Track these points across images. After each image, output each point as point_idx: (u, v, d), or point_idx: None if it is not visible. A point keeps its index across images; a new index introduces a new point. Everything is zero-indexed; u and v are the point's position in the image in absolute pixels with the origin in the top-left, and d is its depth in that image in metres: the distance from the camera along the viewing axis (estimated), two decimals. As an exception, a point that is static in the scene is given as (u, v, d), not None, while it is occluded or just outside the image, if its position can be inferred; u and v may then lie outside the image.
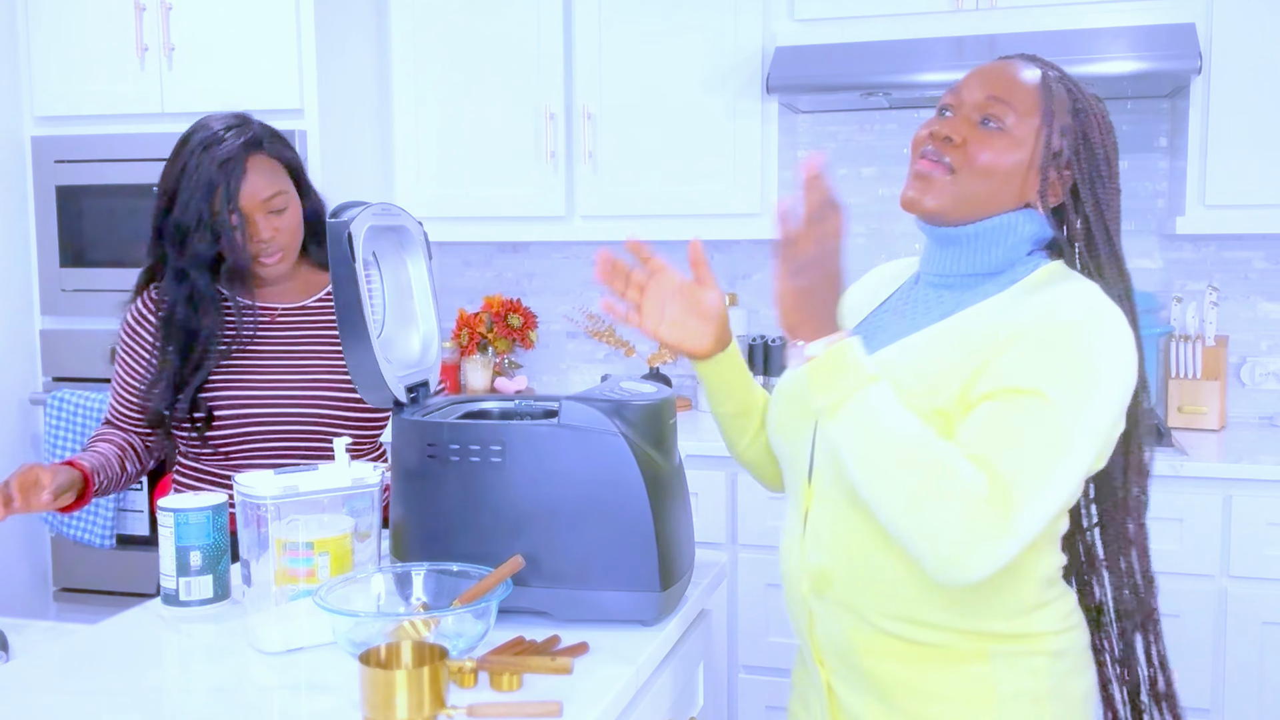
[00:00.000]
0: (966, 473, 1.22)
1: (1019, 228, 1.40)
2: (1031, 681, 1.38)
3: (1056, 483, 1.25)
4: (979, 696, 1.37)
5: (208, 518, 1.63)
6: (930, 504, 1.22)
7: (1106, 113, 1.43)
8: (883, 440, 1.24)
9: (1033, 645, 1.39)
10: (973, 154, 1.37)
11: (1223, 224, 2.82)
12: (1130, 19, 2.79)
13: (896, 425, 1.25)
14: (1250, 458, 2.63)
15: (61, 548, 3.34)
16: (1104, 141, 1.40)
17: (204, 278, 1.94)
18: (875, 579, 1.38)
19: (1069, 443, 1.25)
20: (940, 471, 1.22)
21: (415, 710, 1.19)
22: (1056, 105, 1.38)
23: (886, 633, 1.39)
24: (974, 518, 1.21)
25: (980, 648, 1.37)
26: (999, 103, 1.37)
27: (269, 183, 1.95)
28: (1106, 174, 1.40)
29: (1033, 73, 1.40)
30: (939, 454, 1.23)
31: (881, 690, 1.41)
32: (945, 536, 1.21)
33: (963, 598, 1.35)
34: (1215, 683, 2.61)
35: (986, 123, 1.38)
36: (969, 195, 1.38)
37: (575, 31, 3.22)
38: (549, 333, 3.69)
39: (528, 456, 1.50)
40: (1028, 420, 1.25)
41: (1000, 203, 1.39)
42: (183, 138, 1.98)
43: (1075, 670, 1.43)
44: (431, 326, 1.80)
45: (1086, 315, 1.30)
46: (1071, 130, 1.38)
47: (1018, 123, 1.37)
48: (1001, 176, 1.37)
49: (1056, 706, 1.40)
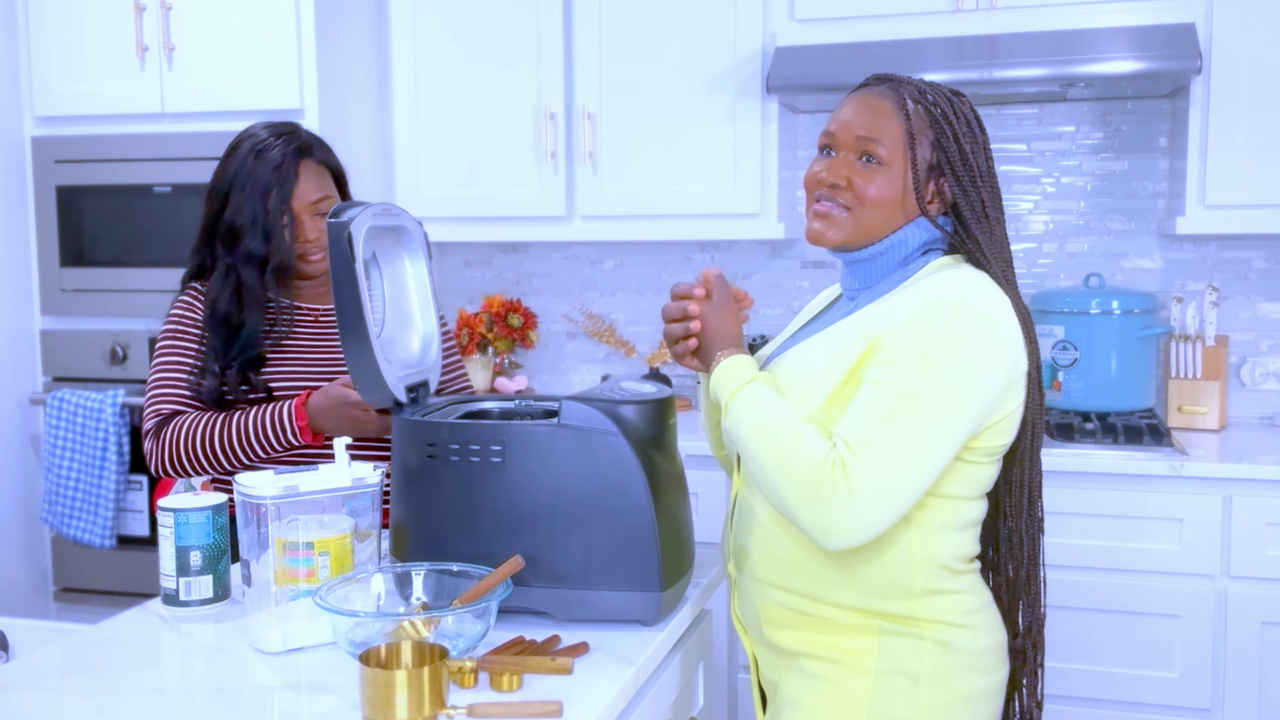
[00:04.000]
0: (810, 442, 1.40)
1: (912, 238, 1.55)
2: (914, 663, 1.48)
3: (898, 446, 1.37)
4: (860, 666, 1.50)
5: (208, 518, 1.63)
6: (779, 472, 1.41)
7: (965, 108, 1.56)
8: (755, 426, 1.44)
9: (920, 630, 1.49)
10: (860, 192, 1.53)
11: (1223, 224, 2.82)
12: (1130, 19, 2.79)
13: (766, 412, 1.44)
14: (1250, 458, 2.63)
15: (61, 548, 3.34)
16: (964, 138, 1.53)
17: (252, 274, 2.01)
18: (778, 556, 1.53)
19: (912, 408, 1.38)
20: (788, 443, 1.40)
21: (415, 710, 1.19)
22: (916, 126, 1.52)
23: (787, 606, 1.53)
24: (812, 478, 1.37)
25: (869, 623, 1.50)
26: (869, 141, 1.53)
27: (317, 187, 2.05)
28: (976, 168, 1.55)
29: (891, 101, 1.54)
30: (792, 430, 1.42)
31: (785, 655, 1.55)
32: (794, 499, 1.39)
33: (855, 577, 1.48)
34: (1215, 683, 2.61)
35: (865, 159, 1.53)
36: (866, 226, 1.54)
37: (575, 31, 3.22)
38: (549, 333, 3.69)
39: (528, 456, 1.50)
40: (874, 393, 1.40)
41: (893, 224, 1.54)
42: (232, 145, 2.07)
43: (968, 668, 1.50)
44: (431, 326, 1.80)
45: (947, 296, 1.43)
46: (934, 143, 1.53)
47: (890, 154, 1.52)
48: (890, 204, 1.53)
49: (934, 693, 1.48)
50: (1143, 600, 2.63)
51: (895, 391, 1.39)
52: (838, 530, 1.37)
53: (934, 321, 1.41)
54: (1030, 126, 3.26)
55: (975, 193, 1.54)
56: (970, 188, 1.53)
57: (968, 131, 1.54)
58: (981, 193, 1.54)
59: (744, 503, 1.60)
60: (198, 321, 2.06)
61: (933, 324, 1.41)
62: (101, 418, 3.16)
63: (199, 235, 2.08)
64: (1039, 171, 3.26)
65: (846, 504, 1.36)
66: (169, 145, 3.15)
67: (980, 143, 1.55)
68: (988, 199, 1.55)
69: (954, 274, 1.48)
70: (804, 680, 1.52)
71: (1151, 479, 2.62)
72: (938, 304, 1.43)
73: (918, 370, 1.39)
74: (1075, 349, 2.95)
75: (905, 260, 1.56)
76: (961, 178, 1.53)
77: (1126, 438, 2.76)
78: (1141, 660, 2.65)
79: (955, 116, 1.53)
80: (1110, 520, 2.65)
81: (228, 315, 2.01)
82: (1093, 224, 3.23)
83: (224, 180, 2.03)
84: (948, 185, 1.53)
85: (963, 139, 1.53)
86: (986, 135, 1.57)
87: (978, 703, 1.51)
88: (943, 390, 1.39)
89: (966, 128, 1.54)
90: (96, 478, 3.19)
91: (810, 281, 3.45)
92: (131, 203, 3.19)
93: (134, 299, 3.21)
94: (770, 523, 1.53)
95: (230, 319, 2.01)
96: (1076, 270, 3.24)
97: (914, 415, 1.38)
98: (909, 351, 1.40)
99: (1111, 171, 3.21)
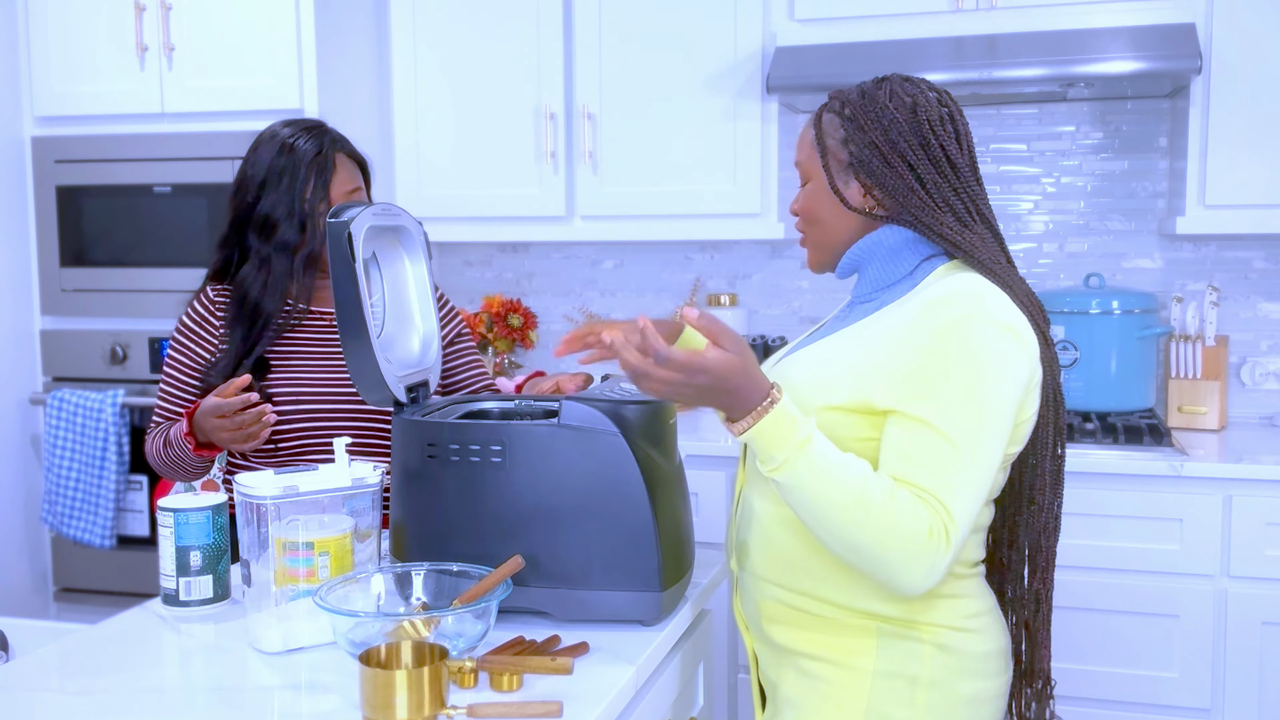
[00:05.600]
0: (906, 511, 1.34)
1: (885, 242, 1.52)
2: (913, 666, 1.47)
3: (977, 487, 1.38)
4: (858, 668, 1.48)
5: (208, 518, 1.63)
6: (877, 549, 1.34)
7: (883, 96, 1.49)
8: (826, 498, 1.34)
9: (920, 633, 1.48)
10: (802, 213, 1.58)
11: (1223, 224, 2.82)
12: (1130, 19, 2.79)
13: (835, 479, 1.34)
14: (1250, 458, 2.63)
15: (61, 548, 3.34)
16: (871, 127, 1.48)
17: (285, 262, 2.04)
18: (778, 554, 1.52)
19: (969, 446, 1.36)
20: (883, 519, 1.33)
21: (415, 710, 1.19)
22: (826, 130, 1.53)
23: (786, 604, 1.52)
24: (920, 552, 1.34)
25: (867, 625, 1.48)
26: (798, 164, 1.58)
27: (351, 177, 2.11)
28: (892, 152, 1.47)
29: (811, 118, 1.57)
30: (878, 500, 1.34)
31: (784, 654, 1.54)
32: (897, 571, 1.35)
33: (855, 579, 1.47)
34: (1215, 683, 2.61)
35: (804, 183, 1.58)
36: (820, 244, 1.58)
37: (575, 31, 3.22)
38: (549, 333, 3.69)
39: (528, 456, 1.50)
40: (931, 441, 1.36)
41: (841, 232, 1.55)
42: (256, 143, 2.10)
43: (968, 672, 1.49)
44: (431, 326, 1.80)
45: (965, 312, 1.39)
46: (842, 142, 1.51)
47: (810, 168, 1.56)
48: (822, 214, 1.55)
49: (933, 695, 1.47)
50: (1143, 600, 2.63)
51: (952, 431, 1.36)
52: (927, 585, 1.37)
53: (959, 341, 1.38)
54: (1030, 126, 3.26)
55: (893, 179, 1.47)
56: (885, 174, 1.47)
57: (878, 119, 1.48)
58: (904, 176, 1.47)
59: (746, 500, 1.59)
60: (213, 324, 2.08)
61: (958, 344, 1.38)
62: (101, 418, 3.16)
63: (226, 231, 2.10)
64: (1039, 171, 3.26)
65: (945, 563, 1.36)
66: (169, 145, 3.15)
67: (901, 128, 1.47)
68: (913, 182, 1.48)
69: (961, 283, 1.43)
70: (803, 680, 1.52)
71: (1151, 479, 2.62)
72: (958, 322, 1.39)
73: (965, 400, 1.37)
74: (1075, 349, 2.95)
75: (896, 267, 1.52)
76: (871, 166, 1.47)
77: (1126, 438, 2.76)
78: (1141, 660, 2.65)
79: (867, 106, 1.49)
80: (1110, 520, 2.65)
81: (257, 299, 2.04)
82: (1093, 224, 3.23)
83: (257, 172, 2.05)
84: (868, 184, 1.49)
85: (868, 128, 1.48)
86: (957, 128, 1.50)
87: (978, 707, 1.51)
88: (989, 416, 1.38)
89: (876, 116, 1.48)
90: (96, 478, 3.19)
91: (810, 282, 3.45)
92: (131, 203, 3.19)
93: (134, 299, 3.21)
94: (770, 521, 1.53)
95: (259, 302, 2.04)
96: (1076, 270, 3.24)
97: (974, 454, 1.37)
98: (947, 386, 1.37)
99: (1111, 171, 3.21)
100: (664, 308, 3.58)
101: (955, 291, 1.42)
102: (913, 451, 1.37)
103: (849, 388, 1.43)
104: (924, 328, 1.40)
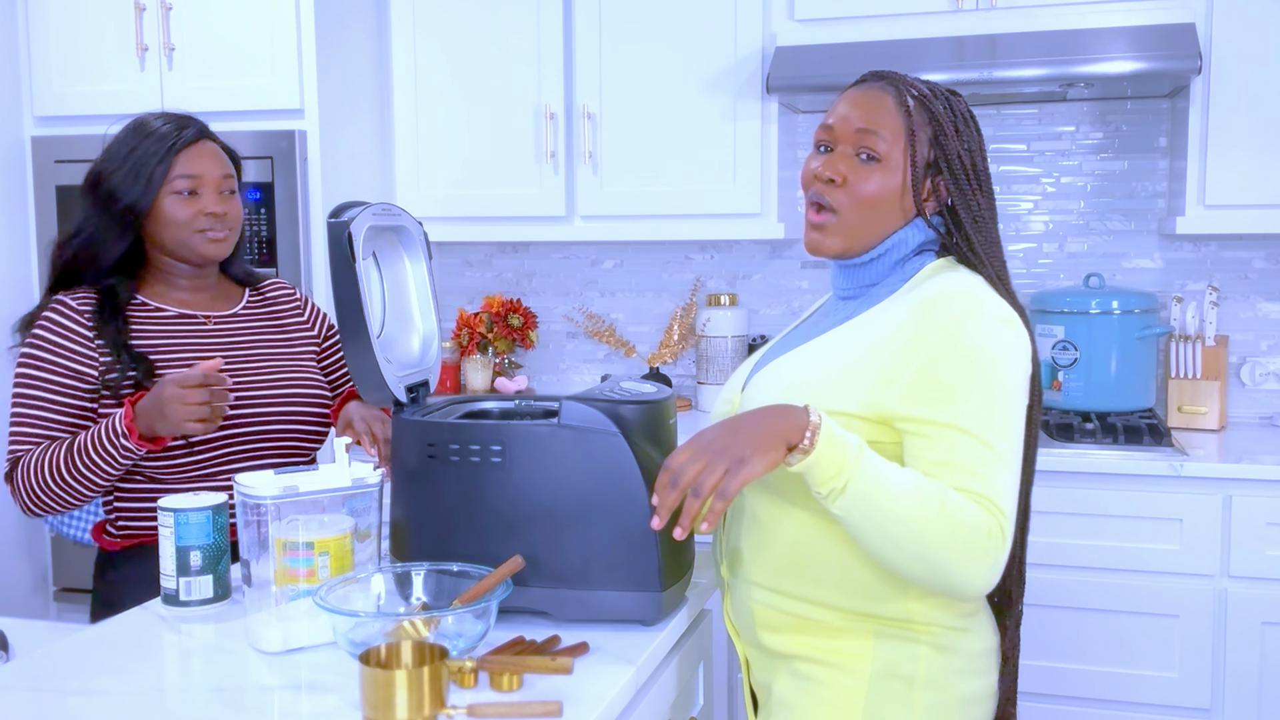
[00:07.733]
0: (968, 516, 1.34)
1: (910, 240, 1.53)
2: (910, 666, 1.47)
3: (1014, 479, 1.39)
4: (855, 669, 1.48)
5: (208, 518, 1.63)
6: (942, 554, 1.34)
7: (961, 106, 1.53)
8: (888, 514, 1.33)
9: (916, 633, 1.47)
10: (856, 190, 1.49)
11: (1223, 224, 2.82)
12: (1130, 19, 2.79)
13: (895, 494, 1.33)
14: (1250, 458, 2.63)
15: (61, 548, 3.33)
16: (962, 136, 1.51)
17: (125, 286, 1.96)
18: (772, 559, 1.52)
19: (1006, 441, 1.38)
20: (950, 527, 1.33)
21: (415, 710, 1.19)
22: (916, 122, 1.49)
23: (781, 609, 1.52)
24: (983, 552, 1.34)
25: (864, 626, 1.48)
26: (869, 134, 1.49)
27: (221, 164, 2.01)
28: (972, 168, 1.51)
29: (892, 96, 1.51)
30: (942, 510, 1.33)
31: (778, 658, 1.54)
32: (964, 573, 1.35)
33: (851, 581, 1.47)
34: (1215, 683, 2.61)
35: (862, 156, 1.50)
36: (860, 228, 1.51)
37: (575, 31, 3.22)
38: (549, 333, 3.69)
39: (528, 456, 1.50)
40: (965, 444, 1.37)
41: (890, 224, 1.52)
42: (119, 135, 2.00)
43: (965, 671, 1.49)
44: (431, 326, 1.80)
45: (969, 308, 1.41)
46: (932, 140, 1.50)
47: (889, 149, 1.49)
48: (886, 204, 1.50)
49: (931, 695, 1.47)
50: (1143, 600, 2.63)
51: (982, 432, 1.37)
52: (990, 584, 1.37)
53: (966, 340, 1.39)
54: (1030, 126, 3.26)
55: (971, 193, 1.51)
56: (966, 187, 1.51)
57: (965, 130, 1.52)
58: (978, 194, 1.52)
59: (737, 506, 1.59)
60: (71, 334, 1.93)
61: (966, 343, 1.39)
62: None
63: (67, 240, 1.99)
64: (1039, 171, 3.26)
65: (1004, 558, 1.37)
66: (169, 145, 3.15)
67: (976, 143, 1.53)
68: (983, 200, 1.53)
69: (953, 282, 1.46)
70: (797, 682, 1.52)
71: (1151, 479, 2.62)
72: (960, 321, 1.40)
73: (986, 398, 1.38)
74: (1075, 349, 2.95)
75: (900, 262, 1.53)
76: (959, 177, 1.50)
77: (1126, 438, 2.76)
78: (1141, 660, 2.65)
79: (953, 115, 1.52)
80: (1110, 520, 2.65)
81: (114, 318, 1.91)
82: (1093, 224, 3.23)
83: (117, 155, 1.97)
84: (944, 184, 1.51)
85: (960, 138, 1.51)
86: (982, 136, 1.55)
87: (974, 705, 1.51)
88: (1010, 409, 1.40)
89: (965, 126, 1.52)
90: (96, 478, 3.18)
91: (810, 282, 3.45)
92: (131, 203, 3.18)
93: (134, 299, 3.21)
94: (765, 525, 1.52)
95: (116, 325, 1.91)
96: (1076, 270, 3.24)
97: (1005, 448, 1.38)
98: (967, 388, 1.38)
99: (1111, 171, 3.21)
100: (664, 308, 3.58)
101: (949, 291, 1.44)
102: (948, 458, 1.37)
103: (861, 394, 1.42)
104: (927, 330, 1.41)
